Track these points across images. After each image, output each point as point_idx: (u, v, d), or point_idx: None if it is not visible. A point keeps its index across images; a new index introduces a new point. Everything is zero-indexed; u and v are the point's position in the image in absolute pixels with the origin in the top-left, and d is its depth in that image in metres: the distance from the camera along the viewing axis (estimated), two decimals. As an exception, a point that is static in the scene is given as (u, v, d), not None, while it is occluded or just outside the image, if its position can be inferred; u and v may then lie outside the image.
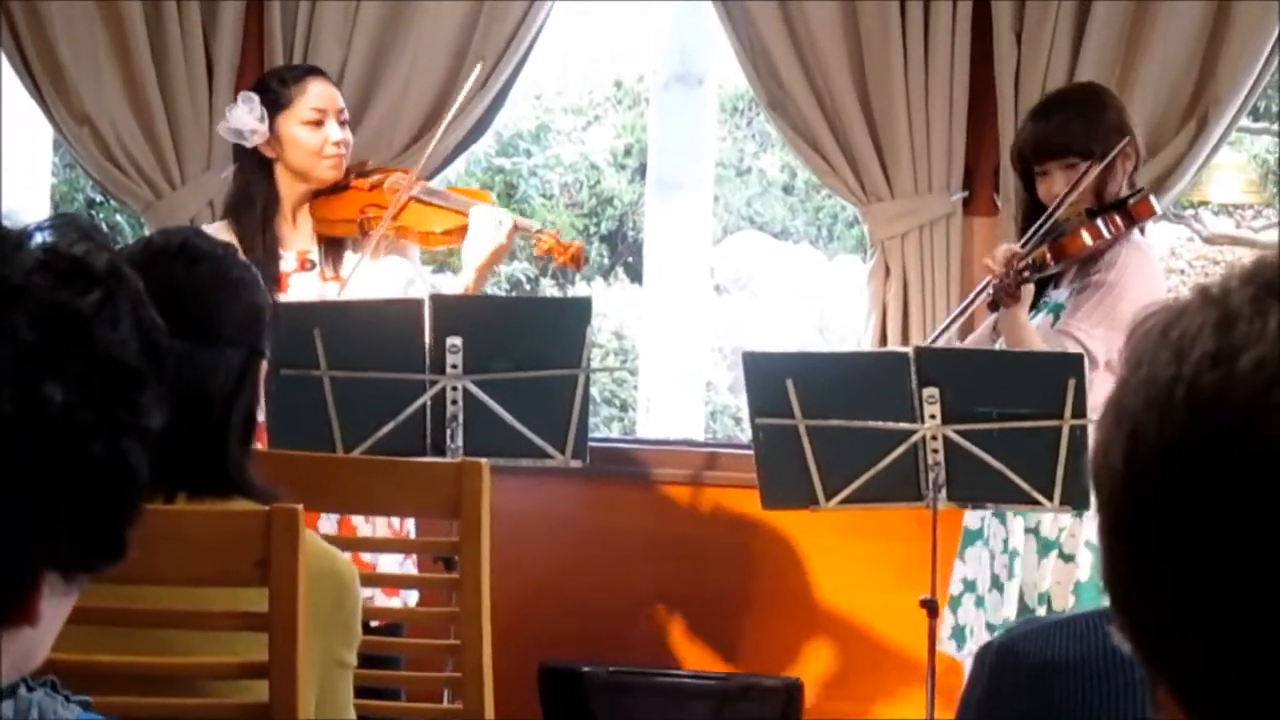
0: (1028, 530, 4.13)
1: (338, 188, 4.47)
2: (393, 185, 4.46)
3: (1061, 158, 4.17)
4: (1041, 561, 4.12)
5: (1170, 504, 0.89)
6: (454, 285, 4.38)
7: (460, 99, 4.67)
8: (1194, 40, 4.94)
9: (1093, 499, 0.97)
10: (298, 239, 4.46)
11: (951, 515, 4.15)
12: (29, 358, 1.14)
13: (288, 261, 4.43)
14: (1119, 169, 4.20)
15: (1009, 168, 4.89)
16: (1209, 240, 9.61)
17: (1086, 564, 4.09)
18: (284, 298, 4.31)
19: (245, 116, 4.41)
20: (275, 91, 4.46)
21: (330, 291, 4.35)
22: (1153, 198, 4.22)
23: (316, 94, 4.46)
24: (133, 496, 1.20)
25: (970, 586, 4.26)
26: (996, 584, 4.15)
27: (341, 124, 4.47)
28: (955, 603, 4.28)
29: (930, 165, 5.05)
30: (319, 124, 4.43)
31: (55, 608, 1.20)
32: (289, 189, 4.45)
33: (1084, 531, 4.07)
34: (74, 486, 1.16)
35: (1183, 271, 9.60)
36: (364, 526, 4.23)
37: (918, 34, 5.02)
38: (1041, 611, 4.09)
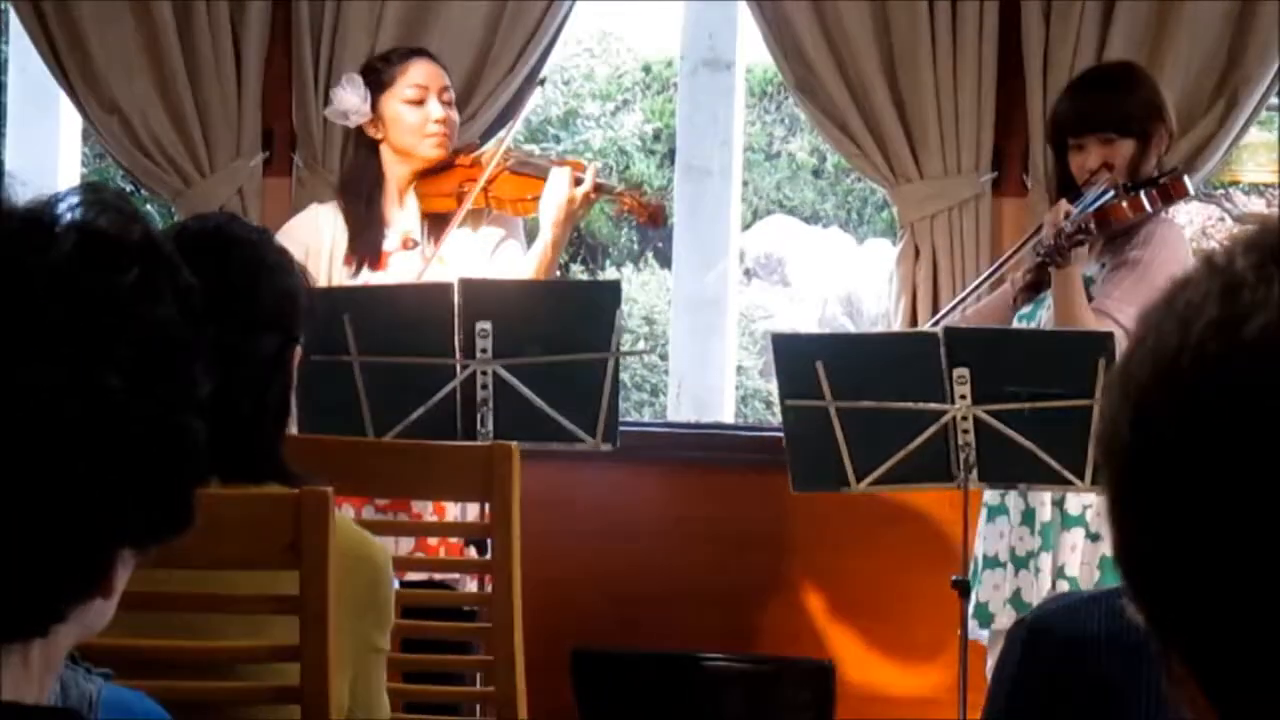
0: (1054, 503, 4.13)
1: (442, 166, 4.48)
2: (488, 158, 4.48)
3: (1099, 132, 4.20)
4: (1063, 535, 4.13)
5: (1179, 473, 0.89)
6: (535, 245, 4.40)
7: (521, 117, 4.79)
8: (1223, 19, 4.93)
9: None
10: (404, 219, 4.48)
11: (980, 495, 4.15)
12: (83, 350, 1.15)
13: (390, 241, 4.46)
14: (1154, 148, 4.24)
15: (1038, 148, 4.90)
16: (1240, 220, 9.57)
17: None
18: (383, 276, 4.38)
19: (349, 97, 4.45)
20: (378, 71, 4.50)
21: (431, 269, 4.37)
22: (1187, 178, 4.26)
23: (418, 72, 4.47)
24: (197, 464, 1.22)
25: (990, 563, 4.27)
26: (1017, 559, 4.12)
27: (446, 103, 4.47)
28: (975, 580, 4.30)
29: (959, 146, 5.04)
30: (420, 102, 4.44)
31: (124, 577, 1.23)
32: (395, 169, 4.48)
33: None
34: (143, 467, 1.18)
35: (1214, 252, 9.54)
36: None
37: (945, 14, 5.01)
38: (1065, 589, 4.10)
